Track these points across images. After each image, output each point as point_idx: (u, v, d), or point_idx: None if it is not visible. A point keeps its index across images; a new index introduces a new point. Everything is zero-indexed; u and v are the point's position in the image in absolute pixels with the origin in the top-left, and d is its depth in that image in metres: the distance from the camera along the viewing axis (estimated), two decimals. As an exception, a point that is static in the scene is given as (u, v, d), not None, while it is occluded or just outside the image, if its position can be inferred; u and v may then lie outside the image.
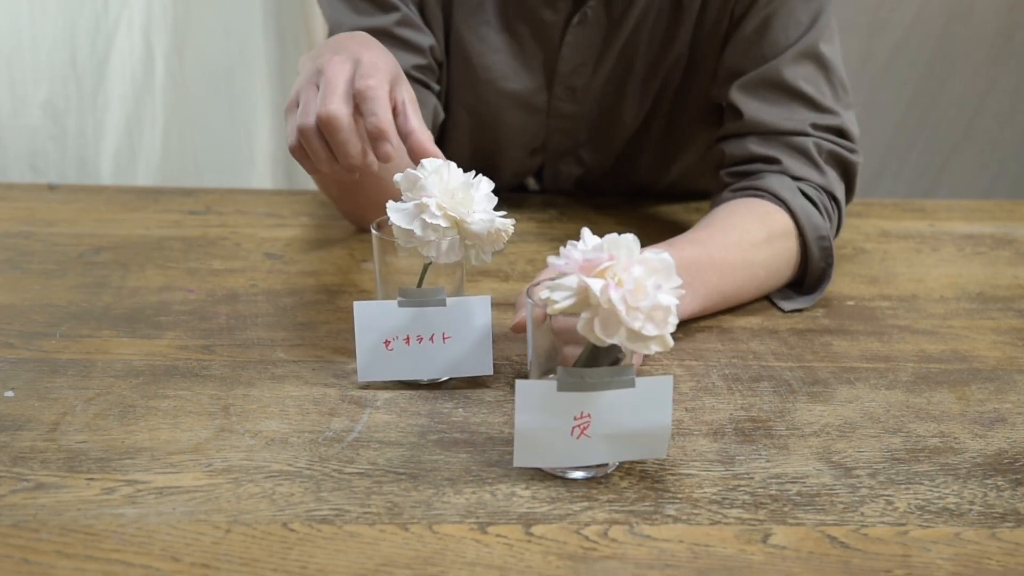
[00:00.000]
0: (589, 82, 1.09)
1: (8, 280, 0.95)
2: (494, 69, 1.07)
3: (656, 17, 1.04)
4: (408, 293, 0.74)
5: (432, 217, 0.69)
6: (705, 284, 0.86)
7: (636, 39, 1.05)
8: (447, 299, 0.73)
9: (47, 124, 1.73)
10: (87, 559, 0.56)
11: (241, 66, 1.87)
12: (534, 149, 1.16)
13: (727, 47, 1.03)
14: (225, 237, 1.08)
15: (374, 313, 0.73)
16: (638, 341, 0.59)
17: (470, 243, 0.72)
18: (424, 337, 0.74)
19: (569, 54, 1.06)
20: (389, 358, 0.74)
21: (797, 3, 0.99)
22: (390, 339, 0.74)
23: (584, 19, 1.04)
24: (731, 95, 1.01)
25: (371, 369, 0.75)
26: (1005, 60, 2.04)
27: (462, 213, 0.70)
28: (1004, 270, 1.06)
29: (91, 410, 0.72)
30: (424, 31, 1.03)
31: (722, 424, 0.73)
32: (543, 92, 1.10)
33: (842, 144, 0.99)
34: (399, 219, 0.70)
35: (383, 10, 1.00)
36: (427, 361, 0.75)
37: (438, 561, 0.57)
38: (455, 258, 0.73)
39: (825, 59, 1.00)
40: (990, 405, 0.77)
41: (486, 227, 0.71)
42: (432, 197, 0.70)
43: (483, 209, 0.72)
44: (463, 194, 0.71)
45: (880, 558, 0.59)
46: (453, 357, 0.75)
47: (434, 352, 0.74)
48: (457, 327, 0.74)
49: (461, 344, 0.74)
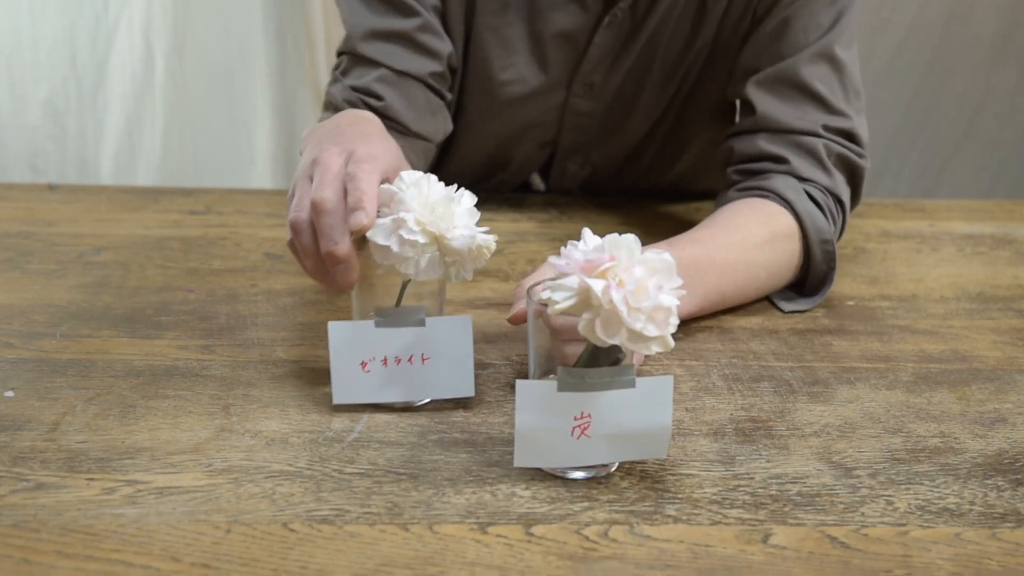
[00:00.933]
0: (607, 79, 1.09)
1: (8, 280, 0.95)
2: (514, 71, 1.07)
3: (680, 16, 1.04)
4: (386, 313, 0.70)
5: (410, 233, 0.66)
6: (705, 284, 0.86)
7: (658, 38, 1.05)
8: (426, 319, 0.70)
9: (47, 124, 1.74)
10: (87, 559, 0.56)
11: (241, 66, 1.87)
12: (544, 143, 1.16)
13: (746, 45, 1.03)
14: (225, 237, 1.08)
15: (350, 333, 0.70)
16: (639, 342, 0.59)
17: (450, 260, 0.69)
18: (402, 358, 0.71)
19: (594, 54, 1.06)
20: (366, 380, 0.71)
21: (819, 5, 0.99)
22: (366, 360, 0.70)
23: (613, 20, 1.03)
24: (746, 90, 1.01)
25: (347, 392, 0.71)
26: (1005, 60, 2.04)
27: (442, 228, 0.67)
28: (1004, 270, 1.06)
29: (91, 410, 0.72)
30: (443, 38, 1.02)
31: (722, 424, 0.73)
32: (562, 89, 1.09)
33: (851, 148, 0.99)
34: (376, 235, 0.68)
35: (404, 14, 0.99)
36: (405, 383, 0.71)
37: (438, 561, 0.57)
38: (435, 275, 0.69)
39: (841, 62, 1.00)
40: (990, 405, 0.77)
41: (467, 243, 0.68)
42: (410, 212, 0.67)
43: (464, 224, 0.68)
44: (443, 208, 0.68)
45: (880, 558, 0.59)
46: (432, 379, 0.71)
47: (413, 374, 0.71)
48: (437, 348, 0.71)
49: (441, 365, 0.71)
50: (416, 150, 1.00)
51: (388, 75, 0.98)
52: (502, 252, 1.04)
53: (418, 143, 1.01)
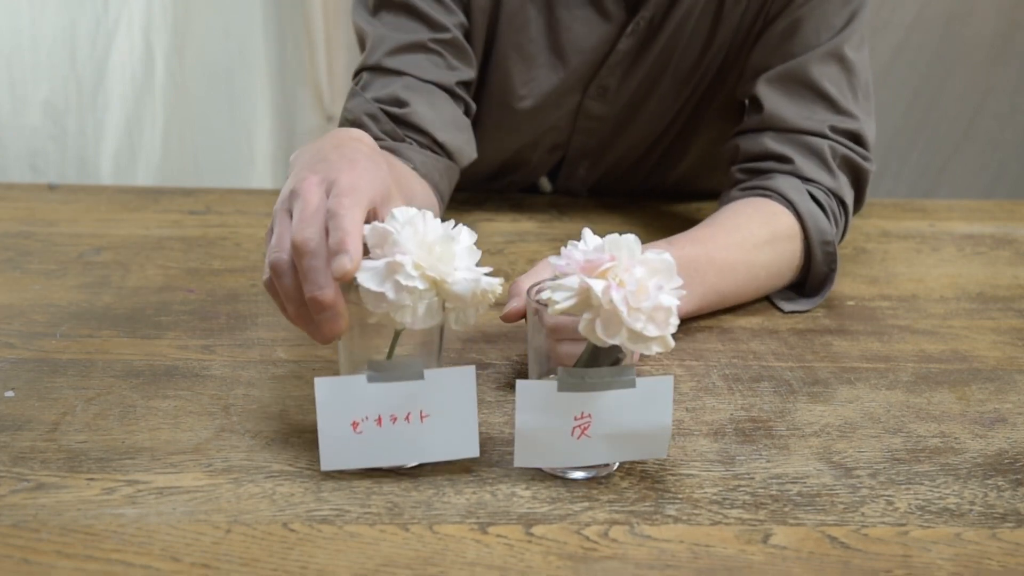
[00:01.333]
0: (622, 83, 1.08)
1: (8, 280, 0.95)
2: (535, 85, 1.07)
3: (698, 20, 1.04)
4: (379, 367, 0.62)
5: (408, 279, 0.59)
6: (704, 284, 0.86)
7: (675, 42, 1.05)
8: (425, 371, 0.62)
9: (47, 124, 1.74)
10: (87, 559, 0.56)
11: (241, 66, 1.88)
12: (556, 146, 1.16)
13: (757, 44, 1.03)
14: (225, 237, 1.08)
15: (339, 390, 0.62)
16: (639, 342, 0.59)
17: (451, 305, 0.62)
18: (399, 416, 0.63)
19: (612, 61, 1.06)
20: (357, 442, 0.63)
21: (831, 6, 0.99)
22: (358, 420, 0.63)
23: (636, 29, 1.03)
24: (756, 87, 1.01)
25: (336, 456, 0.63)
26: (1005, 60, 2.04)
27: (443, 272, 0.60)
28: (1004, 270, 1.06)
29: (91, 410, 0.72)
30: (470, 55, 1.01)
31: (722, 424, 0.73)
32: (577, 93, 1.09)
33: (857, 151, 0.99)
34: (368, 280, 0.60)
35: (433, 29, 0.98)
36: (402, 444, 0.64)
37: (438, 561, 0.57)
38: (432, 322, 0.62)
39: (852, 63, 1.00)
40: (990, 405, 0.77)
41: (471, 288, 0.61)
42: (407, 254, 0.59)
43: (465, 266, 0.61)
44: (443, 249, 0.60)
45: (880, 558, 0.59)
46: (432, 438, 0.64)
47: (411, 433, 0.63)
48: (437, 403, 0.63)
49: (442, 423, 0.63)
50: (439, 169, 0.96)
51: (414, 82, 0.96)
52: (502, 252, 1.04)
53: (441, 161, 0.96)
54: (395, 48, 0.97)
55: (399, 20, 0.98)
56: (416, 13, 0.98)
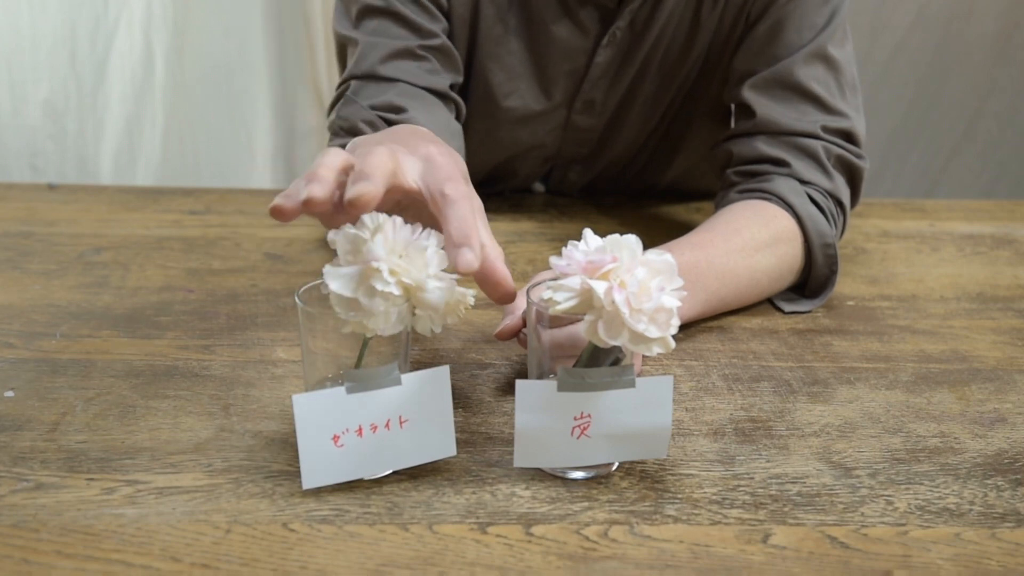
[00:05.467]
0: (607, 95, 1.09)
1: (8, 280, 0.95)
2: (517, 97, 1.07)
3: (676, 27, 1.04)
4: (357, 376, 0.61)
5: (384, 284, 0.58)
6: (705, 289, 0.86)
7: (655, 50, 1.05)
8: (401, 376, 0.62)
9: (47, 124, 1.74)
10: (87, 559, 0.56)
11: (241, 66, 1.87)
12: (546, 158, 1.17)
13: (740, 48, 1.03)
14: (225, 237, 1.08)
15: (319, 405, 0.60)
16: (641, 343, 0.59)
17: (421, 312, 0.62)
18: (379, 425, 0.62)
19: (594, 73, 1.06)
20: (340, 456, 0.62)
21: (811, 6, 0.99)
22: (339, 433, 0.61)
23: (612, 40, 1.03)
24: (743, 94, 1.01)
25: (318, 472, 0.62)
26: (1005, 61, 2.04)
27: (417, 279, 0.60)
28: (1004, 270, 1.06)
29: (91, 410, 0.72)
30: (458, 61, 1.01)
31: (722, 424, 0.73)
32: (563, 109, 1.10)
33: (850, 149, 0.99)
34: (340, 287, 0.59)
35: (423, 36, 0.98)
36: (384, 452, 0.63)
37: (438, 561, 0.57)
38: (399, 328, 0.61)
39: (836, 61, 1.00)
40: (990, 405, 0.77)
41: (443, 296, 0.61)
42: (382, 261, 0.58)
43: (436, 274, 0.61)
44: (416, 255, 0.60)
45: (880, 558, 0.59)
46: (412, 443, 0.64)
47: (390, 440, 0.63)
48: (415, 407, 0.63)
49: (420, 426, 0.63)
50: None
51: (409, 89, 0.96)
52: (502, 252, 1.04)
53: None
54: (387, 55, 0.97)
55: (386, 27, 0.99)
56: (403, 20, 0.98)
